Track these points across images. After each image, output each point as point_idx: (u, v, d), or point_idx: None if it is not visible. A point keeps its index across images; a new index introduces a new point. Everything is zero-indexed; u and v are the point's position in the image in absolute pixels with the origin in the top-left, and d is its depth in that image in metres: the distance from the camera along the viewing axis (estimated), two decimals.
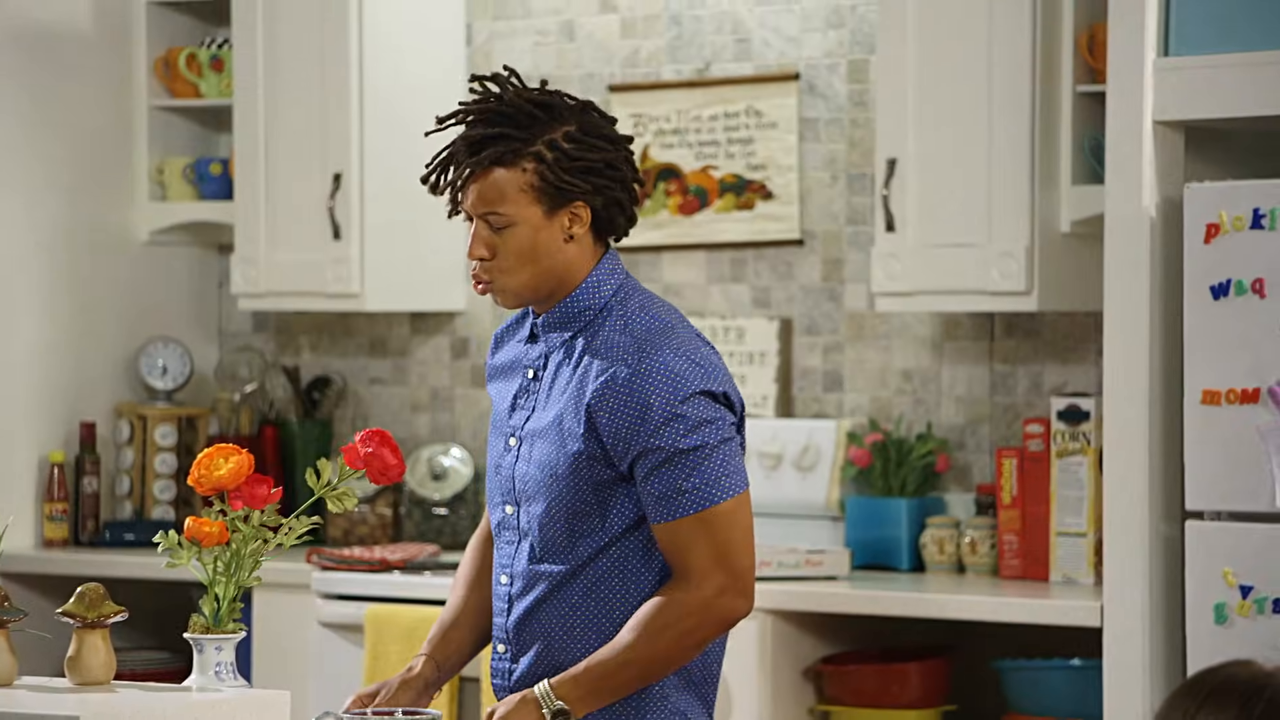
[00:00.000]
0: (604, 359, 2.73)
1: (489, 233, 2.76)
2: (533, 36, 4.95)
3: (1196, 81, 3.72)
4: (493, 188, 2.76)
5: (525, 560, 2.78)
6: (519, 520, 2.79)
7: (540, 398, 2.80)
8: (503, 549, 2.82)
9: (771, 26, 4.70)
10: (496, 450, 2.85)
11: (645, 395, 2.69)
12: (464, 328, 5.05)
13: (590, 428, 2.72)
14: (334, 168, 4.81)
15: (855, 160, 4.61)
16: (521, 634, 2.79)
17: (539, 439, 2.77)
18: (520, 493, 2.79)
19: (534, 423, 2.79)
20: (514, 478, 2.80)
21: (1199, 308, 3.66)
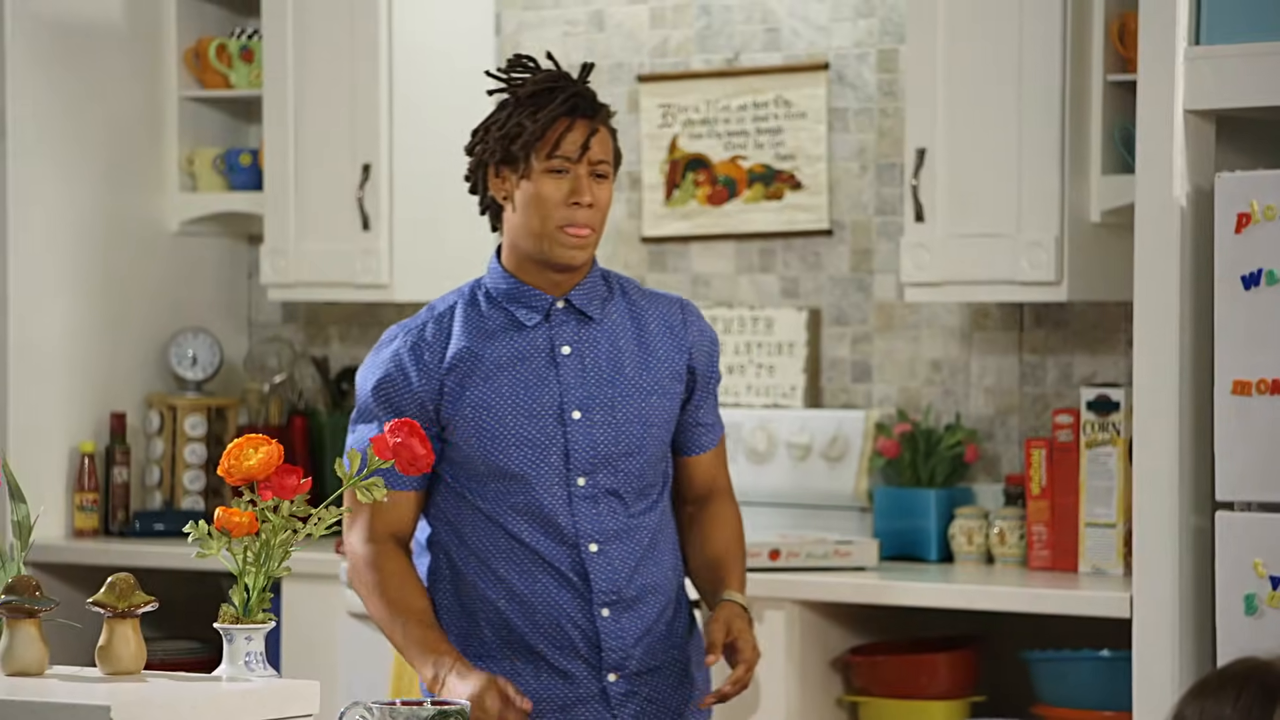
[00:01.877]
0: (664, 308, 3.06)
1: (591, 183, 2.98)
2: (562, 26, 4.95)
3: (1228, 70, 3.70)
4: (603, 142, 3.00)
5: (620, 517, 2.99)
6: (598, 484, 2.97)
7: (593, 365, 2.98)
8: (584, 517, 2.96)
9: (801, 16, 4.69)
10: (534, 432, 2.93)
11: (712, 331, 3.11)
12: None
13: (689, 369, 3.05)
14: (363, 158, 4.82)
15: (884, 150, 4.60)
16: (633, 584, 2.99)
17: (622, 398, 2.98)
18: (598, 457, 2.97)
19: (607, 388, 2.98)
20: (591, 445, 2.96)
21: (1230, 297, 3.65)
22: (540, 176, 2.96)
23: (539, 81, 2.98)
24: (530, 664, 2.98)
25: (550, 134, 2.95)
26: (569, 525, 2.97)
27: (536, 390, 2.97)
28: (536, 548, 2.97)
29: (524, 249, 3.02)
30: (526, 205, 2.98)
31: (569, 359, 2.98)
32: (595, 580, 2.97)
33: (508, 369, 2.97)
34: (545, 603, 2.98)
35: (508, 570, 2.98)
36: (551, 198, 2.95)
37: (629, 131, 4.89)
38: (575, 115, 2.96)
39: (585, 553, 2.97)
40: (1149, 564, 3.74)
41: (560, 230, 2.96)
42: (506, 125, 2.97)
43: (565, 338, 2.99)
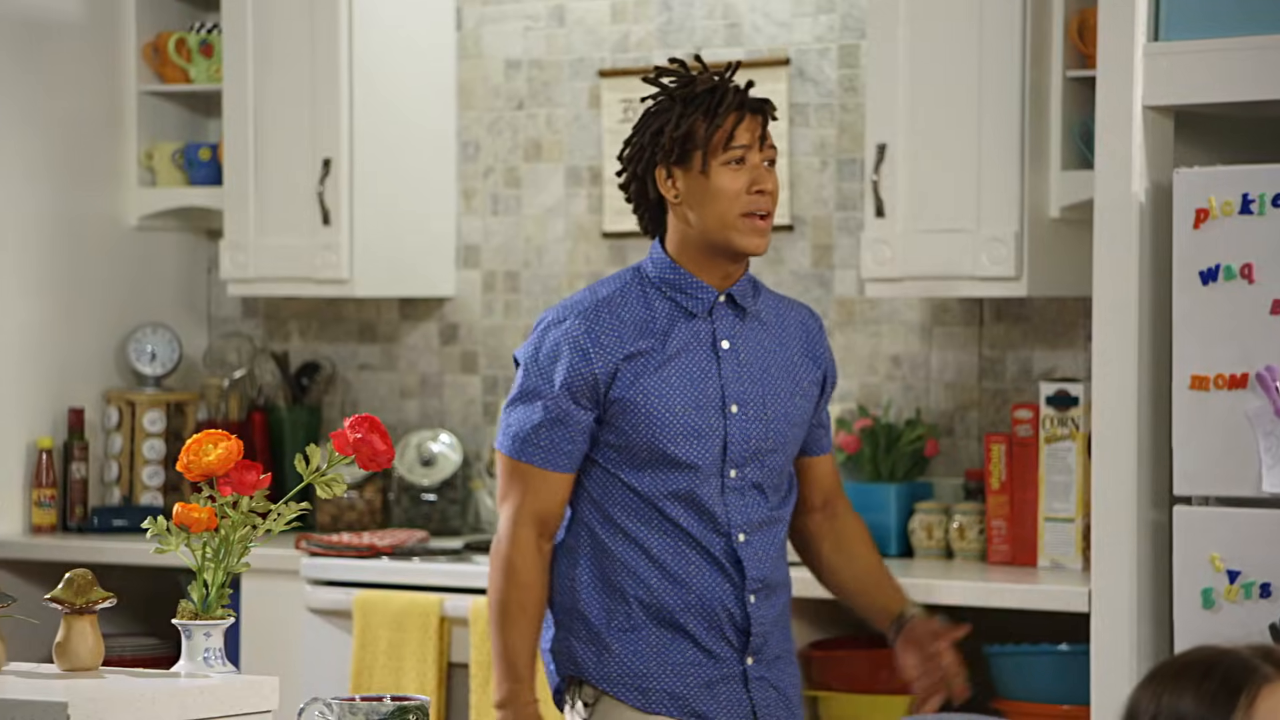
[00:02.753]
0: (803, 314, 3.19)
1: (768, 172, 3.08)
2: (523, 21, 4.94)
3: (1186, 66, 3.72)
4: (770, 134, 3.12)
5: (763, 509, 3.09)
6: (746, 477, 3.07)
7: (748, 360, 3.08)
8: (735, 508, 3.06)
9: (762, 11, 4.69)
10: (701, 423, 3.03)
11: (828, 341, 3.25)
12: (453, 313, 5.05)
13: (823, 373, 3.18)
14: (323, 153, 4.80)
15: (845, 145, 4.61)
16: (774, 574, 3.11)
17: (772, 396, 3.08)
18: (753, 451, 3.06)
19: (758, 385, 3.08)
20: (745, 439, 3.06)
21: (1188, 293, 3.66)
22: (719, 170, 3.05)
23: (705, 81, 3.08)
24: (680, 639, 3.08)
25: (725, 128, 3.04)
26: (722, 514, 3.07)
27: (701, 382, 3.07)
28: (692, 532, 3.07)
29: (699, 240, 3.08)
30: (706, 199, 3.05)
31: (729, 353, 3.08)
32: (748, 568, 3.08)
33: (676, 359, 3.07)
34: (700, 584, 3.08)
35: (661, 550, 3.08)
36: (732, 188, 3.05)
37: (590, 127, 4.89)
38: (746, 109, 3.08)
39: (736, 541, 3.07)
40: (1107, 558, 3.76)
41: (742, 219, 3.05)
42: (680, 126, 3.05)
43: (725, 331, 3.08)
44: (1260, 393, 3.60)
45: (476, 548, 4.63)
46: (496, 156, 4.99)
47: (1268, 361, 3.60)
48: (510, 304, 4.99)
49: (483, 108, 5.00)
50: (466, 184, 5.02)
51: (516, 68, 4.96)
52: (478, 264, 5.02)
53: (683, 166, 3.06)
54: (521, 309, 4.98)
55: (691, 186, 3.06)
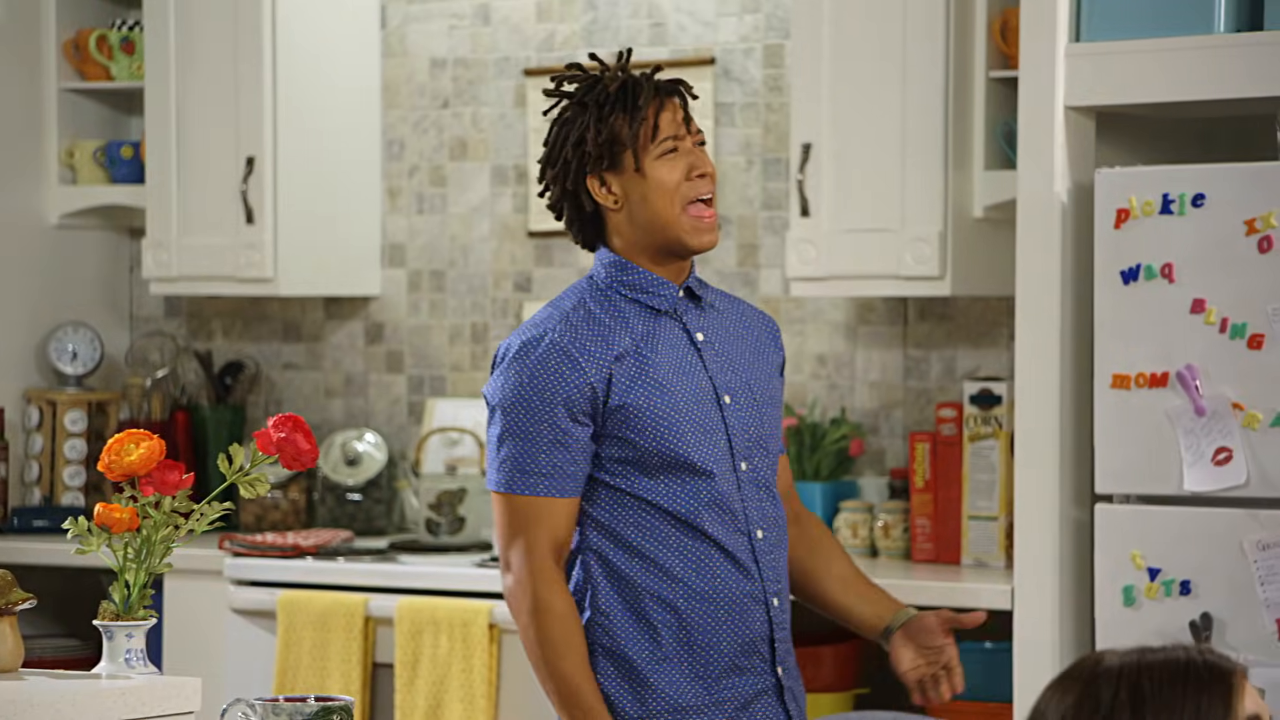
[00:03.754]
0: (757, 314, 3.05)
1: (703, 153, 2.95)
2: (448, 19, 4.93)
3: (1107, 67, 3.75)
4: (685, 112, 2.94)
5: (772, 505, 2.95)
6: (758, 472, 2.95)
7: (724, 350, 2.96)
8: (751, 503, 2.92)
9: (687, 11, 4.70)
10: (703, 417, 2.90)
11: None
12: (378, 313, 5.03)
13: (782, 359, 3.05)
14: (247, 151, 4.78)
15: (770, 145, 4.62)
16: (782, 576, 2.96)
17: (757, 381, 2.97)
18: (754, 439, 2.94)
19: (741, 372, 2.96)
20: (744, 428, 2.94)
21: (1109, 292, 3.69)
22: (654, 165, 2.89)
23: (613, 79, 2.91)
24: (712, 664, 2.86)
25: (649, 121, 2.89)
26: (741, 511, 2.90)
27: (691, 377, 2.91)
28: (719, 538, 2.86)
29: (647, 242, 2.92)
30: (646, 196, 2.89)
31: (706, 345, 2.95)
32: (765, 568, 2.91)
33: (662, 357, 2.90)
34: (728, 596, 2.87)
35: (684, 569, 2.86)
36: (672, 179, 2.89)
37: (515, 126, 4.88)
38: (664, 95, 2.92)
39: (755, 540, 2.91)
40: (1030, 556, 3.78)
41: (688, 215, 2.89)
42: (602, 131, 2.89)
43: (695, 324, 2.96)
44: (1180, 391, 3.63)
45: (401, 547, 4.62)
46: (422, 155, 4.98)
47: (1188, 360, 3.63)
48: (436, 303, 4.98)
49: (408, 106, 4.98)
50: (391, 183, 5.01)
51: (441, 66, 4.95)
52: (403, 263, 5.01)
53: (615, 171, 2.90)
54: (447, 308, 4.97)
55: (629, 189, 2.90)
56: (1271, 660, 3.51)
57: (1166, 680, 1.79)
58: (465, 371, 4.95)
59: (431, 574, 4.34)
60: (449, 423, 4.81)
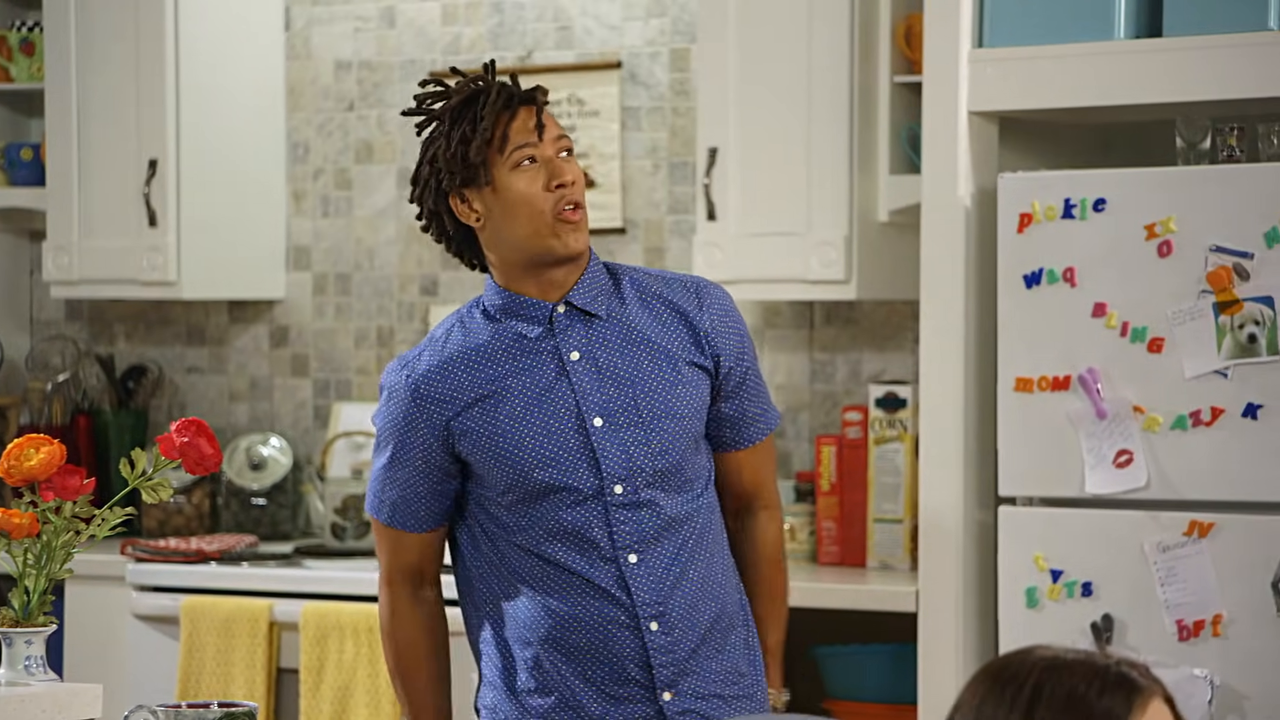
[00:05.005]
0: (677, 291, 2.85)
1: (563, 162, 2.79)
2: (352, 22, 4.91)
3: (1010, 73, 3.78)
4: (554, 120, 2.81)
5: (659, 518, 2.79)
6: (637, 494, 2.79)
7: (608, 366, 2.80)
8: (623, 526, 2.78)
9: (593, 14, 4.70)
10: (560, 445, 2.77)
11: (739, 318, 2.88)
12: (283, 316, 5.00)
13: (713, 356, 2.85)
14: (149, 154, 4.74)
15: (677, 149, 4.63)
16: (680, 591, 2.79)
17: (645, 396, 2.80)
18: (631, 462, 2.78)
19: (626, 388, 2.79)
20: (622, 450, 2.78)
21: (1012, 296, 3.72)
22: (509, 177, 2.76)
23: (458, 91, 2.78)
24: (579, 691, 2.80)
25: (498, 130, 2.75)
26: (604, 539, 2.78)
27: (550, 404, 2.77)
28: (575, 569, 2.78)
29: (517, 259, 2.79)
30: (507, 211, 2.76)
31: (580, 364, 2.79)
32: (637, 592, 2.78)
33: (516, 389, 2.78)
34: (592, 623, 2.79)
35: (551, 597, 2.80)
36: (530, 191, 2.75)
37: None
38: (514, 104, 2.77)
39: (625, 565, 2.78)
40: (934, 559, 3.81)
41: (554, 221, 2.75)
42: (450, 146, 2.76)
43: (573, 342, 2.79)
44: (1082, 395, 3.66)
45: (307, 552, 4.59)
46: (327, 158, 4.96)
47: (1089, 364, 3.67)
48: (341, 306, 4.96)
49: (312, 109, 4.96)
50: (296, 185, 4.98)
51: (347, 69, 4.93)
52: (308, 266, 4.98)
53: (472, 186, 2.77)
54: (353, 311, 4.95)
55: (488, 204, 2.77)
56: (1171, 661, 3.54)
57: (1063, 703, 1.80)
58: (371, 375, 4.93)
59: (337, 579, 4.33)
60: (355, 426, 4.79)
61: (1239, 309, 3.53)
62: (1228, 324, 3.54)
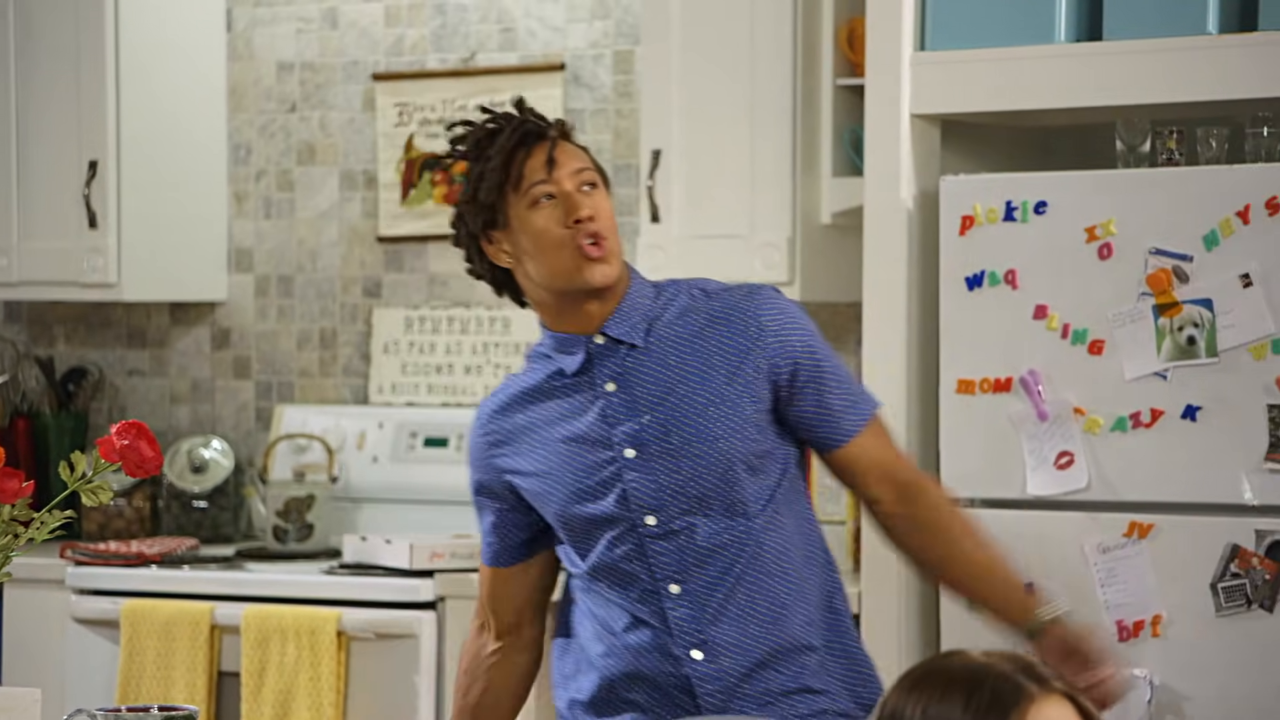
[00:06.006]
0: (727, 301, 2.77)
1: (583, 196, 2.73)
2: (295, 23, 4.89)
3: (952, 76, 3.79)
4: (571, 153, 2.75)
5: (692, 552, 2.72)
6: (670, 523, 2.72)
7: (642, 394, 2.73)
8: (660, 559, 2.72)
9: (537, 16, 4.70)
10: (594, 479, 2.73)
11: (798, 314, 2.79)
12: (225, 318, 4.98)
13: (771, 359, 2.74)
14: (90, 155, 4.71)
15: (621, 151, 4.63)
16: (725, 617, 2.73)
17: (676, 423, 2.71)
18: (666, 490, 2.71)
19: (658, 412, 2.72)
20: (652, 481, 2.72)
21: (954, 298, 3.73)
22: (526, 215, 2.71)
23: (476, 130, 2.75)
24: (624, 709, 2.78)
25: (511, 169, 2.71)
26: (644, 572, 2.73)
27: (586, 438, 2.74)
28: (619, 601, 2.76)
29: (549, 297, 2.75)
30: (530, 250, 2.72)
31: (614, 395, 2.73)
32: (675, 622, 2.72)
33: (558, 424, 2.76)
34: (640, 651, 2.75)
35: (604, 627, 2.79)
36: (548, 228, 2.70)
37: (364, 131, 4.86)
38: (528, 142, 2.72)
39: (666, 596, 2.73)
40: (877, 560, 3.82)
41: (576, 256, 2.70)
42: (468, 188, 2.75)
43: (608, 373, 2.74)
44: (1024, 396, 3.68)
45: (248, 555, 4.57)
46: (269, 159, 4.94)
47: (1031, 366, 3.68)
48: (284, 308, 4.94)
49: (254, 110, 4.94)
50: (238, 187, 4.96)
51: (289, 70, 4.91)
52: (250, 268, 4.96)
53: (497, 227, 2.73)
54: (295, 313, 4.93)
55: (515, 244, 2.73)
56: None
57: (950, 683, 1.80)
58: (314, 377, 4.91)
59: (279, 581, 4.31)
60: (297, 429, 4.77)
61: (1178, 311, 3.55)
62: (1167, 326, 3.56)
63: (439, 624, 4.16)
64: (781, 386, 2.76)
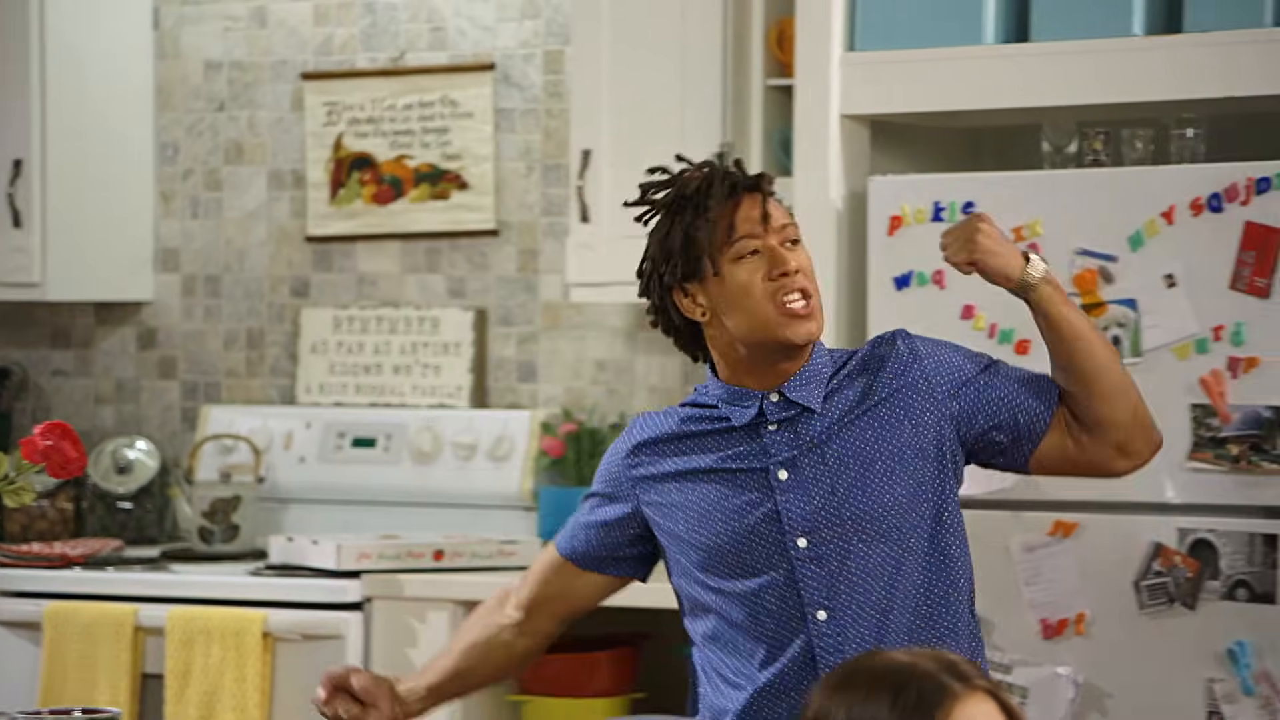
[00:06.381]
0: (885, 350, 2.75)
1: (786, 252, 2.70)
2: (222, 22, 4.86)
3: (881, 76, 3.80)
4: (779, 207, 2.74)
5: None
6: (818, 548, 2.68)
7: (814, 480, 2.68)
8: (810, 583, 2.68)
9: (467, 16, 4.69)
10: (749, 555, 2.68)
11: (935, 341, 2.78)
12: (151, 318, 4.95)
13: (942, 397, 2.72)
14: (14, 153, 4.68)
15: (550, 151, 4.63)
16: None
17: (852, 518, 2.67)
18: (820, 518, 2.68)
19: (830, 504, 2.68)
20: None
21: (883, 298, 3.74)
22: (733, 269, 2.68)
23: (687, 182, 2.73)
24: None
25: (723, 220, 2.69)
26: (800, 588, 2.68)
27: (746, 501, 2.70)
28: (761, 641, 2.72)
29: (742, 354, 2.72)
30: (731, 303, 2.69)
31: (788, 482, 2.69)
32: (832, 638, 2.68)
33: (716, 477, 2.72)
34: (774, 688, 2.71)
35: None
36: (753, 281, 2.68)
37: (292, 130, 4.83)
38: (739, 193, 2.71)
39: (814, 619, 2.69)
40: None
41: (778, 312, 2.68)
42: (674, 238, 2.72)
43: (782, 446, 2.70)
44: None
45: (173, 556, 4.54)
46: (196, 159, 4.91)
47: None
48: (211, 308, 4.91)
49: (182, 109, 4.91)
50: (165, 186, 4.93)
51: (217, 69, 4.88)
52: (177, 268, 4.93)
53: (697, 280, 2.71)
54: (222, 313, 4.90)
55: (713, 297, 2.70)
56: (1036, 660, 3.58)
57: (874, 682, 1.81)
58: (241, 378, 4.88)
59: (204, 583, 4.28)
60: (224, 429, 4.74)
61: (1103, 311, 3.57)
62: None
63: (365, 625, 4.14)
64: (964, 408, 2.77)
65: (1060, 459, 2.75)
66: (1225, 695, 3.46)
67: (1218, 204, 3.51)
